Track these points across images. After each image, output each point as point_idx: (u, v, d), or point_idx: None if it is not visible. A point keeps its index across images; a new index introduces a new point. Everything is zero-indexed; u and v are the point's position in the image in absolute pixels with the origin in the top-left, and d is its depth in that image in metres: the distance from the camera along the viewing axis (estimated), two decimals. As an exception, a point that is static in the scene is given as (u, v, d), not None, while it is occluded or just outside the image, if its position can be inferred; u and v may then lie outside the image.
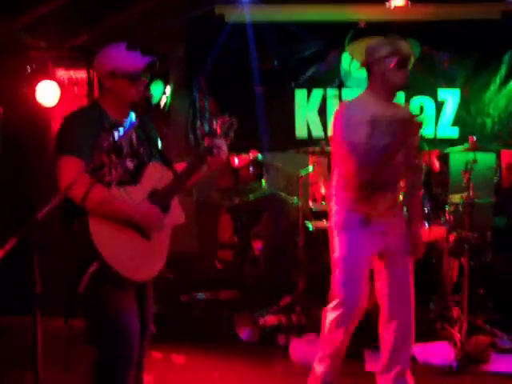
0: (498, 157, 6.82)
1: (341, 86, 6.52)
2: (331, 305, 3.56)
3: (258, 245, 6.34)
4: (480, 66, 6.49)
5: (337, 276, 3.53)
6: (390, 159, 3.28)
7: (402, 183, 3.63)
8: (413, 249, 3.57)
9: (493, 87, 6.48)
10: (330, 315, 3.55)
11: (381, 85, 3.40)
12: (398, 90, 3.46)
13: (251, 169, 6.19)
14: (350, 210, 3.48)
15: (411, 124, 3.28)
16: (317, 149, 5.03)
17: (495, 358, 4.35)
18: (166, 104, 6.27)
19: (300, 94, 6.52)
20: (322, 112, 6.51)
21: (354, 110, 3.42)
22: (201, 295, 5.69)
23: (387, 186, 3.44)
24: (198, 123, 6.56)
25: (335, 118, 3.46)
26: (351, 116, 3.38)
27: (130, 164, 2.86)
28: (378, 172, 3.33)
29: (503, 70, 6.44)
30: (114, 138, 2.63)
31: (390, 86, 3.40)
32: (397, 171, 3.46)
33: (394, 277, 3.53)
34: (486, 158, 6.23)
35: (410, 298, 3.55)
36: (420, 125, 3.30)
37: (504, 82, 6.46)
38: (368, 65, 3.44)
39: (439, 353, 4.33)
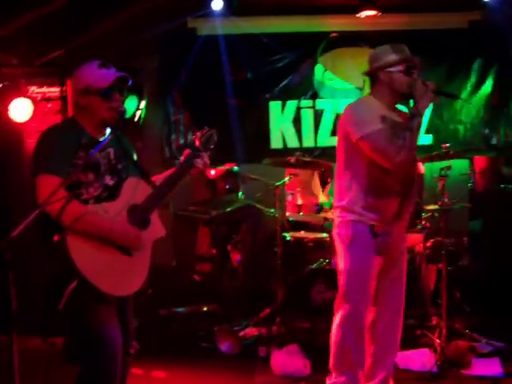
0: (472, 163, 6.91)
1: (314, 96, 6.58)
2: (338, 317, 3.51)
3: (236, 256, 6.33)
4: (451, 74, 6.59)
5: (345, 287, 3.48)
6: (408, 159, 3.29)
7: None
8: None
9: (464, 94, 6.59)
10: (339, 328, 3.50)
11: (386, 91, 3.39)
12: (404, 97, 3.41)
13: (227, 181, 6.20)
14: (357, 220, 3.41)
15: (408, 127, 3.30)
16: (292, 159, 5.03)
17: (475, 362, 4.37)
18: (140, 118, 6.26)
19: (274, 106, 6.56)
20: (297, 123, 6.55)
21: (363, 108, 3.43)
22: (180, 309, 5.65)
23: (394, 191, 3.40)
24: (173, 137, 6.56)
25: (344, 120, 3.43)
26: (362, 113, 3.38)
27: (109, 181, 2.86)
28: (387, 176, 3.33)
29: (473, 78, 6.56)
30: (90, 154, 2.62)
31: (396, 93, 3.39)
32: (400, 176, 3.41)
33: (390, 280, 3.54)
34: (459, 165, 6.30)
35: (401, 303, 3.56)
36: None
37: (475, 90, 6.58)
38: (373, 71, 3.44)
39: (420, 359, 4.33)
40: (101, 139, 2.85)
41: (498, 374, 4.25)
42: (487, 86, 6.59)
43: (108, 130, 2.92)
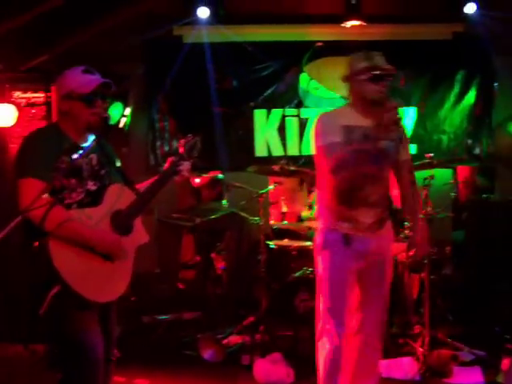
0: (455, 172, 6.96)
1: (299, 105, 6.60)
2: (319, 328, 3.45)
3: (220, 264, 6.32)
4: (435, 85, 6.65)
5: (321, 297, 3.44)
6: (363, 165, 3.25)
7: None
8: (418, 250, 3.53)
9: (447, 105, 6.64)
10: (320, 343, 3.45)
11: (357, 98, 3.41)
12: (376, 103, 3.31)
13: (212, 188, 6.21)
14: (331, 229, 3.41)
15: (388, 130, 3.23)
16: (277, 168, 5.04)
17: (457, 370, 4.40)
18: (125, 125, 6.24)
19: (259, 114, 6.57)
20: (281, 131, 6.57)
21: (328, 119, 3.44)
22: (163, 316, 5.64)
23: (370, 201, 3.35)
24: (158, 143, 6.55)
25: (312, 129, 3.45)
26: (325, 123, 3.40)
27: (92, 186, 2.86)
28: (355, 183, 3.30)
29: (457, 89, 6.62)
30: (73, 160, 2.62)
31: (365, 100, 3.37)
32: (379, 185, 3.38)
33: (371, 291, 3.49)
34: (443, 174, 6.34)
35: (380, 313, 3.51)
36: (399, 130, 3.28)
37: (458, 100, 6.63)
38: (346, 79, 3.47)
39: (402, 367, 4.35)
40: (83, 145, 2.85)
41: (479, 382, 4.29)
42: (470, 97, 6.65)
43: (91, 136, 2.92)
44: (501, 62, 6.51)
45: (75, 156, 2.67)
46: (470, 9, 5.95)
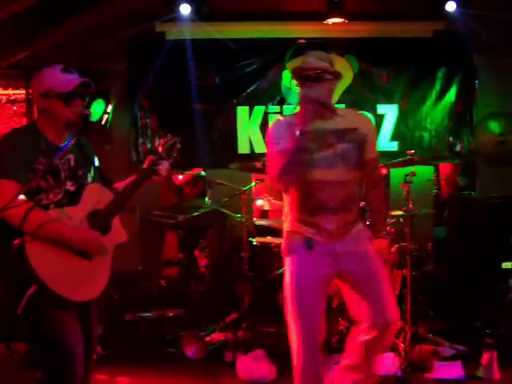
0: (437, 169, 7.01)
1: (282, 102, 6.60)
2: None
3: (203, 261, 6.33)
4: (416, 82, 6.68)
5: (287, 304, 3.33)
6: (316, 177, 3.17)
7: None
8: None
9: (429, 102, 6.68)
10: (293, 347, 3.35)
11: (302, 104, 3.17)
12: (317, 104, 3.10)
13: (195, 186, 6.20)
14: (294, 232, 3.31)
15: (346, 136, 3.20)
16: (259, 164, 5.05)
17: (438, 365, 4.44)
18: (107, 122, 6.20)
19: (242, 111, 6.57)
20: (264, 128, 6.57)
21: (277, 125, 3.34)
22: (146, 314, 5.63)
23: (330, 207, 3.21)
24: (141, 141, 6.53)
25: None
26: (274, 131, 3.32)
27: (70, 187, 2.86)
28: (315, 190, 3.19)
29: (438, 86, 6.65)
30: (50, 160, 2.62)
31: (303, 101, 3.16)
32: (340, 190, 3.21)
33: (363, 287, 3.32)
34: (424, 171, 6.40)
35: (389, 302, 3.35)
36: (359, 136, 3.24)
37: (439, 97, 6.67)
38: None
39: (384, 363, 4.37)
40: (61, 145, 2.84)
41: (459, 376, 4.33)
42: (451, 95, 6.69)
43: (69, 136, 2.91)
44: (481, 60, 6.56)
45: (53, 157, 2.66)
46: (451, 7, 5.99)
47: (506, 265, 5.45)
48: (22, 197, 2.55)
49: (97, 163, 3.10)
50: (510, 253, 5.50)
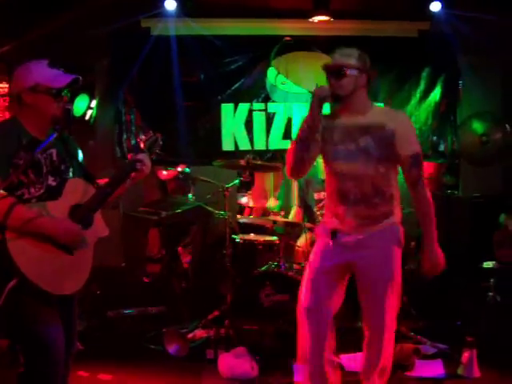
0: (420, 168, 7.03)
1: (267, 99, 6.61)
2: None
3: (186, 258, 6.31)
4: (401, 81, 6.72)
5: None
6: (336, 169, 3.31)
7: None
8: (427, 269, 3.46)
9: (413, 101, 6.72)
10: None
11: None
12: (339, 100, 3.29)
13: (179, 182, 6.18)
14: (323, 221, 3.54)
15: (371, 132, 3.26)
16: (243, 162, 5.05)
17: (419, 364, 4.47)
18: (91, 117, 6.17)
19: (226, 108, 6.56)
20: (249, 125, 6.57)
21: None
22: (128, 310, 5.61)
23: (351, 199, 3.31)
24: (125, 136, 6.50)
25: None
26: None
27: (52, 182, 2.84)
28: (338, 182, 3.34)
29: (422, 85, 6.70)
30: (31, 155, 2.60)
31: (332, 96, 3.32)
32: (362, 183, 3.29)
33: (367, 292, 3.40)
34: (408, 170, 6.40)
35: (383, 322, 3.39)
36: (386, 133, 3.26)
37: (423, 97, 6.71)
38: None
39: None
40: (43, 139, 2.82)
41: (440, 375, 4.35)
42: (435, 94, 6.73)
43: (51, 131, 2.89)
44: (465, 60, 6.61)
45: (36, 151, 2.64)
46: (435, 7, 6.02)
47: (487, 264, 5.48)
48: (1, 191, 2.52)
49: (81, 158, 3.08)
50: (491, 252, 5.54)
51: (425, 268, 3.47)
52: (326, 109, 3.33)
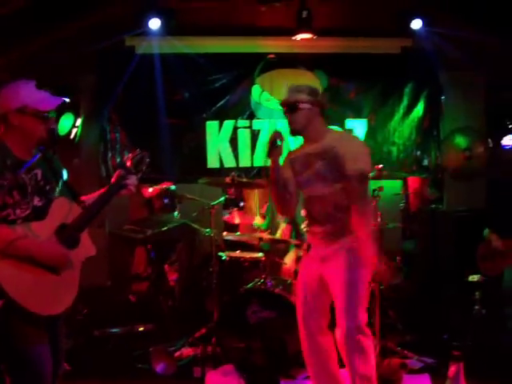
0: (405, 183, 7.09)
1: (251, 116, 6.63)
2: None
3: (172, 276, 6.29)
4: (384, 97, 6.77)
5: None
6: (304, 193, 3.73)
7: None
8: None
9: (397, 117, 6.77)
10: None
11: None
12: (296, 133, 3.74)
13: (164, 200, 6.17)
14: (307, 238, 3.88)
15: (321, 155, 3.60)
16: (228, 179, 5.06)
17: (406, 378, 4.47)
18: (76, 135, 6.18)
19: (211, 126, 6.58)
20: (234, 143, 6.59)
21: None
22: (115, 329, 5.57)
23: (321, 218, 3.66)
24: (110, 155, 6.49)
25: None
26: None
27: (37, 202, 2.83)
28: (308, 204, 3.73)
29: (406, 101, 6.76)
30: (16, 176, 2.59)
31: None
32: (324, 204, 3.62)
33: (335, 299, 3.63)
34: (392, 185, 6.45)
35: (350, 320, 3.55)
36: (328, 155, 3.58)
37: (407, 112, 6.77)
38: None
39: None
40: (27, 160, 2.82)
41: (427, 389, 4.37)
42: (419, 110, 6.80)
43: (36, 151, 2.88)
44: (447, 76, 6.69)
45: (20, 172, 2.64)
46: (417, 25, 6.10)
47: (472, 277, 5.51)
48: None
49: (66, 177, 3.07)
50: (476, 266, 5.57)
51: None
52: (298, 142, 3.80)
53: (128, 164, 3.09)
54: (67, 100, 2.93)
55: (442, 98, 6.80)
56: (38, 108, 2.81)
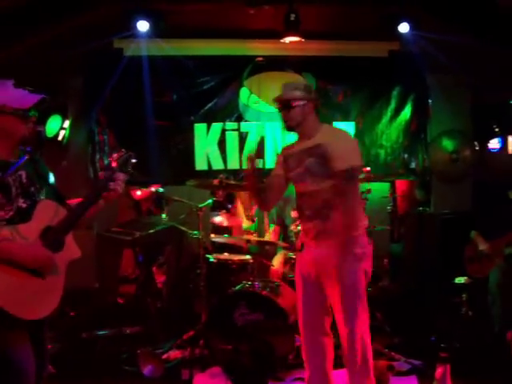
0: (392, 186, 7.11)
1: (239, 119, 6.64)
2: None
3: (160, 278, 6.29)
4: (372, 100, 6.80)
5: None
6: (296, 190, 3.74)
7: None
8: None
9: (384, 120, 6.80)
10: None
11: None
12: (290, 130, 3.76)
13: (153, 202, 6.16)
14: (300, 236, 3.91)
15: (312, 152, 3.63)
16: (216, 181, 5.06)
17: (393, 380, 4.48)
18: (64, 137, 6.16)
19: (199, 128, 6.58)
20: (222, 145, 6.59)
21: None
22: (102, 332, 5.56)
23: (307, 215, 3.69)
24: (98, 156, 6.47)
25: None
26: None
27: (22, 204, 2.82)
28: (300, 200, 3.75)
29: (393, 104, 6.80)
30: (0, 177, 2.58)
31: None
32: (313, 200, 3.64)
33: (332, 303, 3.68)
34: (380, 188, 6.48)
35: (350, 327, 3.62)
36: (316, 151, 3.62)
37: (394, 115, 6.81)
38: None
39: (340, 379, 4.39)
40: (11, 161, 2.80)
41: (413, 391, 4.39)
42: (406, 113, 6.84)
43: (21, 152, 2.87)
44: (434, 79, 6.74)
45: (4, 174, 2.62)
46: (404, 28, 6.13)
47: (459, 279, 5.54)
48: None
49: (52, 180, 3.06)
50: (463, 268, 5.61)
51: None
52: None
53: (114, 164, 3.07)
54: (46, 97, 2.88)
55: (429, 101, 6.85)
56: (17, 106, 2.80)
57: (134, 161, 3.14)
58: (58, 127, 6.06)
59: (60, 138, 6.09)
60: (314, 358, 3.74)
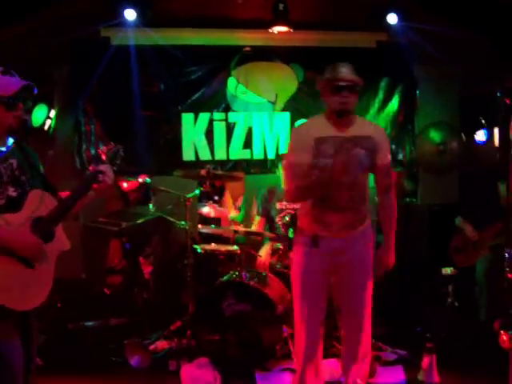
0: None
1: (227, 109, 6.61)
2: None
3: (147, 268, 6.27)
4: (360, 91, 6.75)
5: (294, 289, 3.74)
6: (333, 178, 3.42)
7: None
8: (376, 268, 3.77)
9: (372, 111, 6.80)
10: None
11: (327, 108, 3.61)
12: (339, 114, 3.54)
13: (140, 192, 6.14)
14: (302, 232, 3.69)
15: (360, 143, 3.52)
16: (203, 172, 5.05)
17: (380, 370, 4.52)
18: (50, 127, 6.11)
19: (186, 118, 6.54)
20: (209, 135, 6.57)
21: (298, 134, 3.73)
22: (89, 322, 5.54)
23: (341, 206, 3.54)
24: (84, 146, 6.42)
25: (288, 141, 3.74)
26: (294, 139, 3.67)
27: (12, 192, 2.79)
28: (327, 191, 3.50)
29: (381, 95, 6.80)
30: None
31: (330, 110, 3.57)
32: (351, 191, 3.54)
33: (348, 293, 3.69)
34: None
35: (362, 317, 3.71)
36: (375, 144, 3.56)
37: (382, 107, 6.81)
38: (320, 90, 3.69)
39: (328, 369, 4.42)
40: (1, 149, 2.78)
41: (401, 381, 4.42)
42: (393, 104, 6.84)
43: (10, 141, 2.85)
44: (422, 71, 6.74)
45: None
46: (392, 19, 6.13)
47: (445, 270, 5.58)
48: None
49: (42, 169, 3.04)
50: (449, 258, 5.64)
51: (377, 267, 3.78)
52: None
53: (103, 158, 3.07)
54: (30, 83, 2.84)
55: (417, 92, 6.86)
56: (2, 94, 2.76)
57: (122, 154, 3.15)
58: (43, 117, 6.01)
59: (46, 127, 6.05)
60: (311, 349, 3.71)
